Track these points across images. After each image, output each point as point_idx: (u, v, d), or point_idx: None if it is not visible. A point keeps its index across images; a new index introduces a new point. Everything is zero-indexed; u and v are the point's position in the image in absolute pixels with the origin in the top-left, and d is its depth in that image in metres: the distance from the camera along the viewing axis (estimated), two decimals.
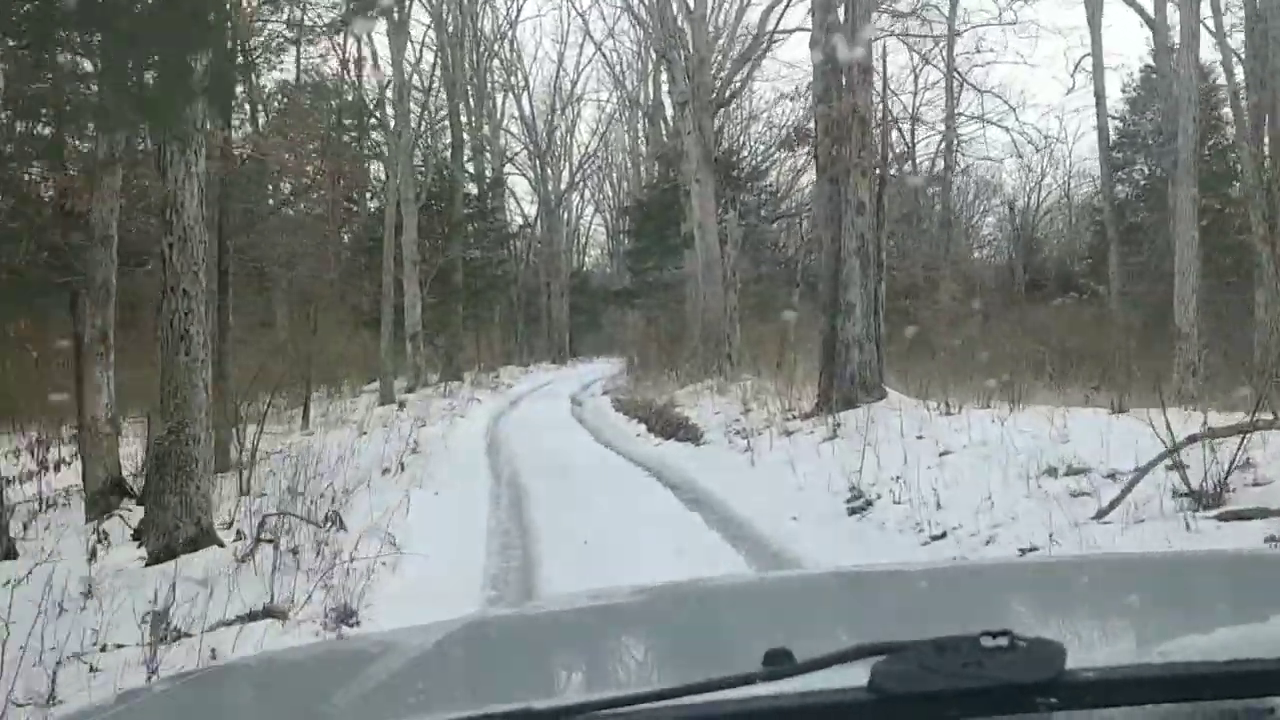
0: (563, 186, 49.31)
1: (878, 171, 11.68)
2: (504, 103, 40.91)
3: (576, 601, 1.77)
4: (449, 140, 28.36)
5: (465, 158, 29.56)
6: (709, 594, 1.72)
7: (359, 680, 1.17)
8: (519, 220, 48.40)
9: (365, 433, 14.20)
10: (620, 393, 24.01)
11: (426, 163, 27.08)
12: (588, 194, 54.32)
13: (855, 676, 0.82)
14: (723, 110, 22.95)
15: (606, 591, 1.69)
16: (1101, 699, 0.83)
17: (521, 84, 44.09)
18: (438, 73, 27.81)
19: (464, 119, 31.58)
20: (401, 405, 18.47)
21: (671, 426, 13.85)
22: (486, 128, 37.00)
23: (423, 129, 30.82)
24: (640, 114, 37.76)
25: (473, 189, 30.72)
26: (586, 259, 57.05)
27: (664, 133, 33.45)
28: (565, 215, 51.25)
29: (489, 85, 38.31)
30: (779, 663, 0.86)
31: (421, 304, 21.95)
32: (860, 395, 11.11)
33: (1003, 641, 0.83)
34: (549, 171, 47.98)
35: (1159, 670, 0.88)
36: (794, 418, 11.72)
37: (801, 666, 0.86)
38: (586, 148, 49.67)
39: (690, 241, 25.96)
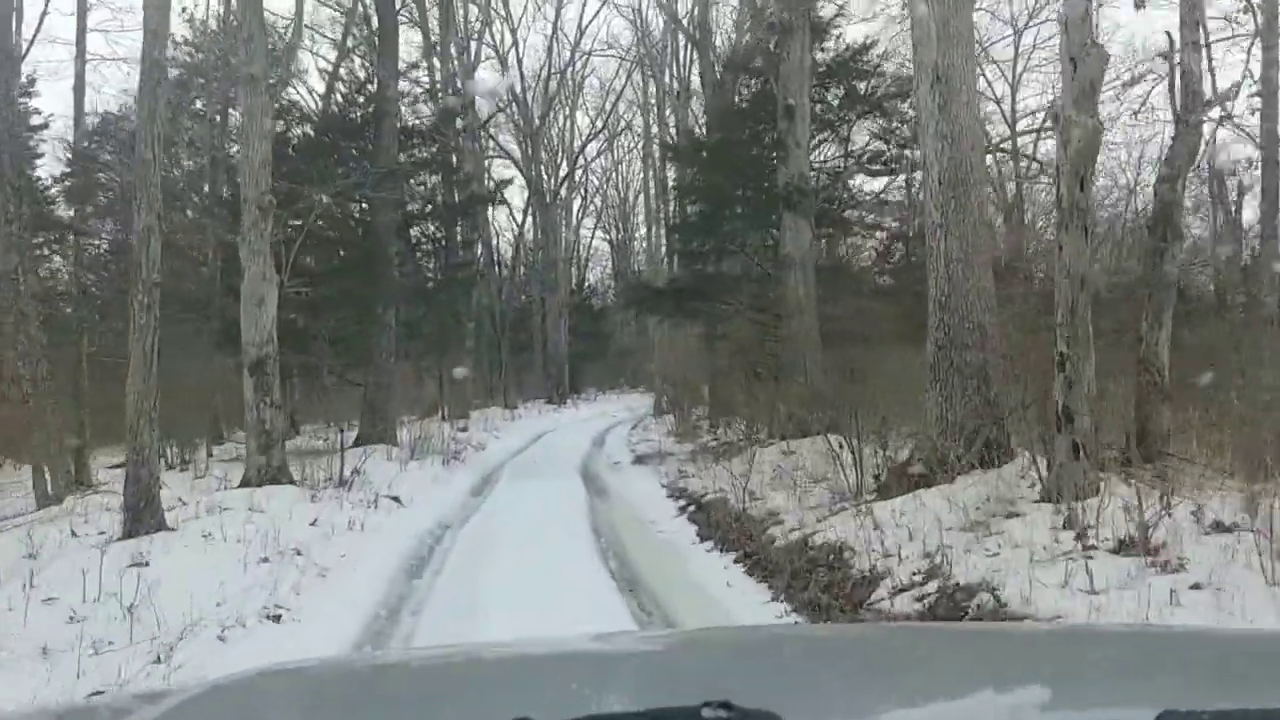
0: (561, 174, 37.99)
1: None
2: (478, 52, 29.83)
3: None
4: (376, 27, 16.64)
5: (402, 64, 17.89)
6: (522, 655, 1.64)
7: None
8: (503, 221, 37.11)
9: None
10: (688, 475, 12.41)
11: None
12: (587, 202, 43.42)
13: None
14: None
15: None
16: None
17: (508, 44, 32.97)
18: None
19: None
20: (144, 563, 6.80)
21: None
22: (455, 63, 25.64)
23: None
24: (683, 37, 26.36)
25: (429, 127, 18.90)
26: (589, 276, 45.86)
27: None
28: (563, 218, 39.94)
29: (459, 16, 27.12)
30: None
31: (279, 294, 10.24)
32: None
33: (722, 713, 0.80)
34: (544, 154, 36.63)
35: None
36: None
37: None
38: (592, 125, 38.49)
39: (796, 198, 14.43)
